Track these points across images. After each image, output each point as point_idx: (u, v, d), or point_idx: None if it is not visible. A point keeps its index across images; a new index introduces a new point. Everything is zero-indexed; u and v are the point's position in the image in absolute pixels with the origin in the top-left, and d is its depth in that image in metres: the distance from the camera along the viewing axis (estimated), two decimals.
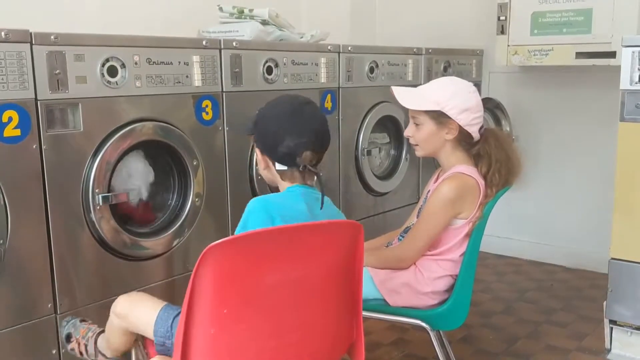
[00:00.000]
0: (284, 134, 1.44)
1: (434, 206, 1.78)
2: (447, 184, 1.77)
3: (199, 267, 1.16)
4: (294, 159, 1.44)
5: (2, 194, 1.70)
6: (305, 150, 1.43)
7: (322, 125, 1.48)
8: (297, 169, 1.45)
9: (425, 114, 1.80)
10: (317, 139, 1.46)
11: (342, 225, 1.34)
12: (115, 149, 1.95)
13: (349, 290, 1.38)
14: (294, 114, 1.47)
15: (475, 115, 1.79)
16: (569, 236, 3.37)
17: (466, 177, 1.78)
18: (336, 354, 1.42)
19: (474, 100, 1.79)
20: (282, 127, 1.45)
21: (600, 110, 3.16)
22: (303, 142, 1.43)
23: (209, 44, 2.22)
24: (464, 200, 1.76)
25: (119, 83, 1.96)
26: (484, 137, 1.82)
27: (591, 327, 2.61)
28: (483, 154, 1.80)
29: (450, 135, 1.80)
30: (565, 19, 3.01)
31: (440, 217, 1.77)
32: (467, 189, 1.77)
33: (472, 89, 1.82)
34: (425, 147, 1.86)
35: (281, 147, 1.44)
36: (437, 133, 1.81)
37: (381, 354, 2.38)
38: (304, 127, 1.44)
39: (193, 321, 1.21)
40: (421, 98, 1.82)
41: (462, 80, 1.86)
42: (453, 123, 1.78)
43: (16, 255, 1.76)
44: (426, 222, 1.79)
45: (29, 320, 1.82)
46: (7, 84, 1.69)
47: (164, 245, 2.15)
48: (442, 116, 1.78)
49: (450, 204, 1.76)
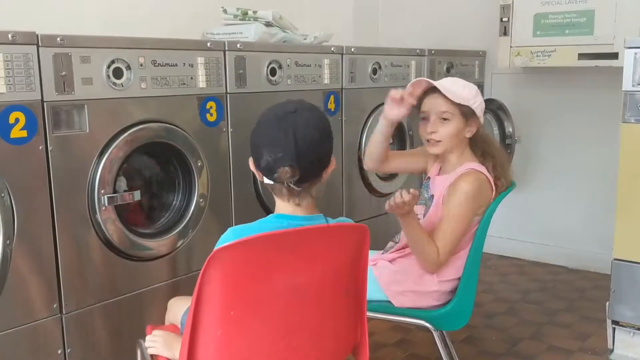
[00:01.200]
0: (262, 146, 1.31)
1: (457, 204, 1.76)
2: (466, 179, 1.78)
3: (206, 269, 1.16)
4: (273, 175, 1.29)
5: (9, 194, 1.71)
6: (281, 165, 1.27)
7: (306, 137, 1.28)
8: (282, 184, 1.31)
9: (458, 109, 1.81)
10: (298, 153, 1.26)
11: (349, 229, 1.35)
12: (120, 150, 1.96)
13: (354, 292, 1.39)
14: (272, 124, 1.31)
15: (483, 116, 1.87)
16: (571, 237, 3.37)
17: (480, 174, 1.81)
18: (341, 354, 1.43)
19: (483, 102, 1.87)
20: (261, 139, 1.32)
21: (602, 111, 3.17)
22: (279, 157, 1.27)
23: (213, 46, 2.23)
24: (483, 196, 1.79)
25: (124, 85, 1.97)
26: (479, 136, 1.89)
27: (594, 327, 2.61)
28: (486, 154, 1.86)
29: (469, 133, 1.84)
30: (567, 20, 3.02)
31: (465, 215, 1.77)
32: (484, 185, 1.80)
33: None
34: (448, 143, 1.84)
35: (261, 161, 1.31)
36: (462, 129, 1.84)
37: (385, 355, 2.39)
38: (282, 140, 1.27)
39: (200, 322, 1.22)
40: (454, 93, 1.81)
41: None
42: (476, 120, 1.82)
43: (22, 255, 1.78)
44: (451, 222, 1.76)
45: (35, 321, 1.83)
46: (13, 86, 1.70)
47: (169, 246, 2.16)
48: (471, 113, 1.82)
49: (472, 199, 1.77)
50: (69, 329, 1.91)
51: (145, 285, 2.12)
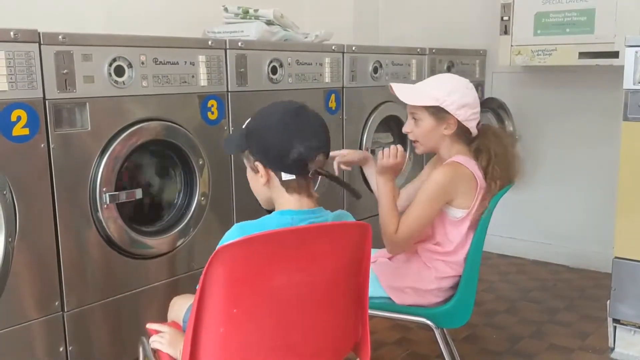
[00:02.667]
0: (291, 139, 1.32)
1: (425, 191, 1.78)
2: (440, 170, 1.79)
3: (209, 266, 1.16)
4: (306, 165, 1.33)
5: (10, 192, 1.72)
6: (317, 152, 1.33)
7: (325, 127, 1.39)
8: (306, 176, 1.34)
9: (425, 110, 1.82)
10: (326, 140, 1.37)
11: (351, 227, 1.35)
12: (122, 148, 1.97)
13: (356, 289, 1.39)
14: (298, 117, 1.35)
15: (473, 111, 1.81)
16: (572, 236, 3.38)
17: (461, 166, 1.79)
18: (342, 351, 1.43)
19: (471, 96, 1.82)
20: (288, 133, 1.33)
21: (603, 110, 3.17)
22: (314, 145, 1.33)
23: (214, 44, 2.24)
24: (457, 187, 1.78)
25: (125, 83, 1.97)
26: (483, 132, 1.85)
27: (595, 326, 2.62)
28: (482, 148, 1.82)
29: (448, 131, 1.82)
30: (568, 19, 3.02)
31: (431, 202, 1.77)
32: (460, 177, 1.78)
33: (470, 85, 1.84)
34: (424, 143, 1.87)
35: (292, 154, 1.31)
36: (436, 128, 1.82)
37: (385, 353, 2.39)
38: (312, 130, 1.35)
39: (203, 320, 1.22)
40: (420, 94, 1.83)
41: (460, 76, 1.88)
42: (452, 118, 1.80)
43: (24, 253, 1.78)
44: (417, 208, 1.78)
45: (37, 318, 1.84)
46: (15, 83, 1.71)
47: (170, 244, 2.16)
48: (441, 111, 1.79)
49: (441, 189, 1.76)
50: (70, 326, 1.91)
51: (146, 284, 2.12)
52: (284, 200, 1.38)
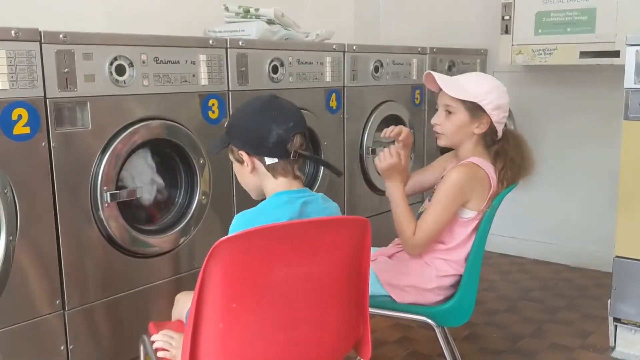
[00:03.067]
0: (269, 123, 1.40)
1: (443, 192, 1.78)
2: (457, 171, 1.79)
3: (208, 262, 1.17)
4: (285, 147, 1.40)
5: (11, 190, 1.72)
6: (295, 133, 1.40)
7: (299, 111, 1.48)
8: (288, 158, 1.41)
9: (462, 104, 1.81)
10: (302, 122, 1.44)
11: (350, 221, 1.35)
12: (123, 147, 1.97)
13: (356, 286, 1.39)
14: (271, 103, 1.45)
15: (505, 114, 1.83)
16: (573, 235, 3.37)
17: (477, 168, 1.80)
18: (343, 349, 1.43)
19: (506, 100, 1.83)
20: (265, 118, 1.41)
21: (604, 109, 3.17)
22: (291, 126, 1.40)
23: (215, 43, 2.24)
24: (473, 189, 1.78)
25: (126, 82, 1.98)
26: (504, 136, 1.86)
27: (595, 325, 2.62)
28: (501, 152, 1.83)
29: (479, 130, 1.82)
30: (569, 18, 3.02)
31: (449, 202, 1.77)
32: (476, 179, 1.79)
33: (505, 89, 1.85)
34: (451, 137, 1.85)
35: (271, 138, 1.39)
36: (468, 125, 1.82)
37: (386, 352, 2.39)
38: (287, 113, 1.43)
39: (202, 315, 1.22)
40: (460, 87, 1.82)
41: (494, 77, 1.89)
42: (486, 118, 1.80)
43: (25, 251, 1.78)
44: (436, 209, 1.78)
45: (38, 317, 1.84)
46: (16, 82, 1.71)
47: (171, 243, 2.17)
48: (478, 109, 1.80)
49: (459, 190, 1.77)
50: (71, 325, 1.92)
51: (148, 282, 2.12)
52: (273, 184, 1.45)
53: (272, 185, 1.45)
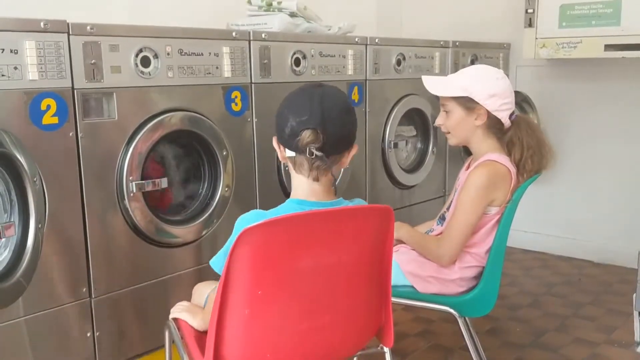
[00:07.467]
0: (289, 112, 1.33)
1: (467, 195, 1.77)
2: (479, 171, 1.77)
3: (234, 248, 1.18)
4: (295, 139, 1.30)
5: (40, 179, 1.75)
6: (304, 128, 1.29)
7: (331, 106, 1.31)
8: (304, 154, 1.31)
9: (454, 100, 1.81)
10: (322, 119, 1.29)
11: (374, 210, 1.35)
12: (148, 138, 1.99)
13: (379, 274, 1.39)
14: (299, 95, 1.36)
15: (504, 101, 1.78)
16: (597, 231, 3.33)
17: (497, 165, 1.78)
18: (365, 337, 1.44)
19: (501, 86, 1.79)
20: (290, 106, 1.34)
21: (629, 103, 3.13)
22: (304, 119, 1.29)
23: (238, 36, 2.25)
24: (497, 187, 1.77)
25: (151, 73, 2.00)
26: (516, 123, 1.83)
27: (621, 320, 2.58)
28: (515, 141, 1.81)
29: (479, 121, 1.80)
30: (593, 11, 2.98)
31: (475, 206, 1.76)
32: (499, 176, 1.77)
33: (500, 75, 1.82)
34: (456, 135, 1.86)
35: (287, 128, 1.32)
36: (466, 119, 1.81)
37: (407, 345, 2.39)
38: (308, 105, 1.31)
39: (228, 301, 1.23)
40: (448, 84, 1.84)
41: (491, 67, 1.86)
42: (481, 108, 1.78)
43: (53, 239, 1.82)
44: (462, 213, 1.77)
45: (65, 304, 1.88)
46: (45, 73, 1.74)
47: (194, 234, 2.19)
48: (470, 102, 1.78)
49: (483, 191, 1.75)
50: (97, 312, 1.95)
51: (171, 272, 2.15)
52: (296, 181, 1.39)
53: (295, 181, 1.39)
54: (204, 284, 1.70)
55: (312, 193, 1.37)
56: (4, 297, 1.65)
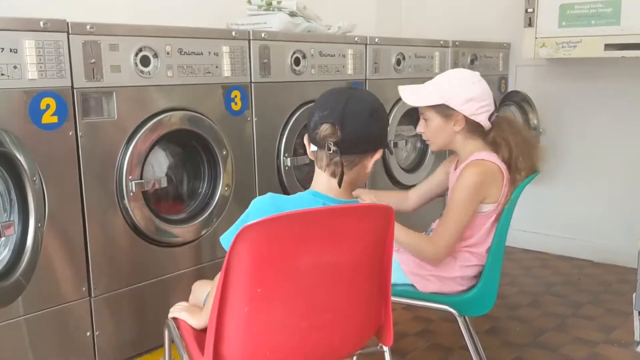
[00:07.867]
0: (316, 108, 1.39)
1: (459, 195, 1.77)
2: (469, 171, 1.77)
3: (234, 245, 1.18)
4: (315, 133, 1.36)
5: (40, 178, 1.75)
6: (323, 122, 1.34)
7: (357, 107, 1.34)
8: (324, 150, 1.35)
9: (431, 109, 1.82)
10: (342, 115, 1.33)
11: (374, 209, 1.35)
12: (147, 138, 2.00)
13: (379, 273, 1.39)
14: (333, 91, 1.41)
15: (480, 104, 1.78)
16: (596, 230, 3.33)
17: (486, 162, 1.78)
18: (365, 336, 1.44)
19: (477, 90, 1.78)
20: (317, 103, 1.40)
21: (629, 102, 3.13)
22: (325, 114, 1.34)
23: (238, 35, 2.25)
24: (489, 185, 1.77)
25: (151, 73, 2.00)
26: (496, 124, 1.82)
27: (620, 320, 2.58)
28: (500, 142, 1.80)
29: (457, 127, 1.80)
30: (593, 10, 2.98)
31: (466, 205, 1.77)
32: (490, 174, 1.77)
33: (476, 79, 1.81)
34: (436, 142, 1.87)
35: (312, 122, 1.38)
36: (444, 126, 1.81)
37: (407, 344, 2.39)
38: (333, 102, 1.36)
39: (227, 299, 1.23)
40: (423, 94, 1.83)
41: (466, 70, 1.86)
42: (458, 114, 1.78)
43: (53, 238, 1.82)
44: (454, 213, 1.78)
45: (65, 303, 1.87)
46: (45, 72, 1.74)
47: (194, 233, 2.19)
48: (447, 109, 1.78)
49: (474, 191, 1.76)
50: (97, 311, 1.95)
51: (171, 271, 2.15)
52: (316, 177, 1.44)
53: (316, 175, 1.43)
54: (202, 282, 1.70)
55: (329, 189, 1.40)
56: (4, 296, 1.65)
